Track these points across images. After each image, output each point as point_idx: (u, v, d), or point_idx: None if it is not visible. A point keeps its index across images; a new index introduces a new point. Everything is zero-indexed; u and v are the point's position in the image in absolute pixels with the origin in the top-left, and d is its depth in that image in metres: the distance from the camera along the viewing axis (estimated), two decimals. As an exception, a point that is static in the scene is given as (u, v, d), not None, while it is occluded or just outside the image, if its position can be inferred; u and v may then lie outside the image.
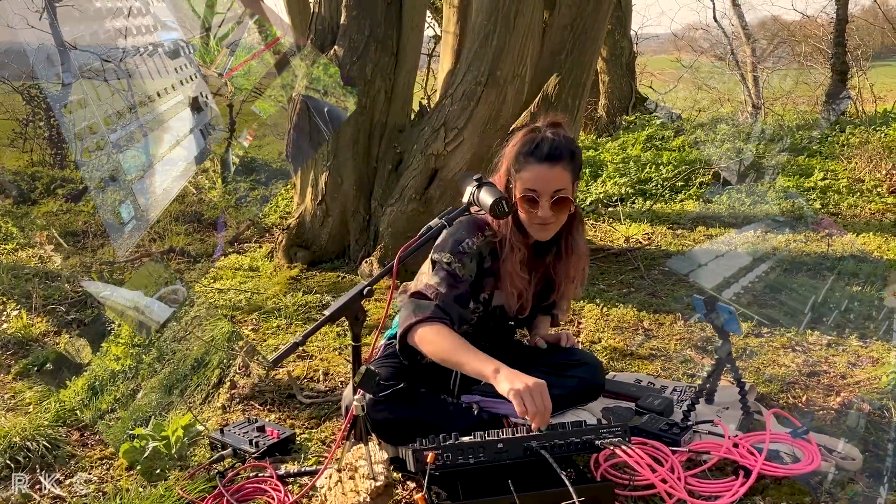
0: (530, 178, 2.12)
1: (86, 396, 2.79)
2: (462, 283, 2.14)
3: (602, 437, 1.92)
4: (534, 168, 2.12)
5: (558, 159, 2.11)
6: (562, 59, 4.19)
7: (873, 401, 2.52)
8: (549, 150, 2.11)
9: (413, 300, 2.12)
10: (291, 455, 2.35)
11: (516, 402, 1.87)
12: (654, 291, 3.90)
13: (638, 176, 6.59)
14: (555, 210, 2.12)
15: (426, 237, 2.12)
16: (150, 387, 2.90)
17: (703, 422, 2.34)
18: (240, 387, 2.75)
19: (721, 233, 5.09)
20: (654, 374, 2.85)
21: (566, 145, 2.15)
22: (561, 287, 2.34)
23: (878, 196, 5.78)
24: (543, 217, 2.12)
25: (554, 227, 2.18)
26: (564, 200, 2.12)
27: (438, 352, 2.03)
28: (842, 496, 1.99)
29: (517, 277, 2.19)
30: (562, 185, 2.12)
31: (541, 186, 2.11)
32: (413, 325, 2.06)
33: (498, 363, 1.95)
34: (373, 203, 4.47)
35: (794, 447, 2.17)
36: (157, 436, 2.35)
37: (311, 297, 3.92)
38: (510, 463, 1.89)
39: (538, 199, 2.11)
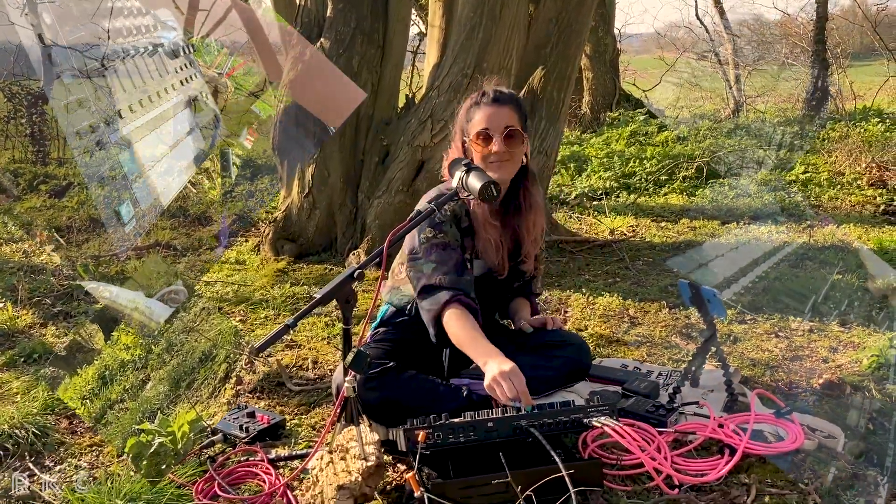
0: (481, 120, 2.27)
1: (96, 386, 2.78)
2: (452, 250, 2.23)
3: (590, 416, 1.94)
4: (483, 110, 2.27)
5: (505, 101, 2.28)
6: (547, 52, 4.23)
7: (854, 382, 2.57)
8: (495, 94, 2.29)
9: (424, 297, 2.20)
10: (281, 440, 2.36)
11: (495, 392, 1.96)
12: (639, 281, 3.94)
13: (622, 170, 6.65)
14: (508, 144, 2.24)
15: (416, 221, 2.14)
16: (158, 378, 2.90)
17: (688, 403, 2.38)
18: (245, 383, 2.76)
19: (704, 225, 5.14)
20: (640, 359, 2.88)
21: (510, 92, 2.35)
22: (526, 242, 2.41)
23: (857, 189, 5.86)
24: (499, 151, 2.23)
25: (510, 165, 2.28)
26: (516, 133, 2.25)
27: (455, 340, 2.15)
28: (824, 472, 2.03)
29: (489, 226, 2.29)
30: (511, 122, 2.25)
31: (492, 124, 2.25)
32: (439, 315, 2.16)
33: (489, 355, 2.03)
34: (360, 195, 4.48)
35: (777, 427, 2.21)
36: (162, 431, 2.34)
37: (298, 288, 3.92)
38: (499, 443, 1.92)
39: (491, 135, 2.23)
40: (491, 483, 1.83)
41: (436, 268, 2.19)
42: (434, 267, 2.20)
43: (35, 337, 3.37)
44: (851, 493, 1.93)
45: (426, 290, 2.20)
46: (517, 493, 1.80)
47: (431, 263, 2.21)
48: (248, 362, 2.94)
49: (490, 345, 2.07)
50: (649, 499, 1.91)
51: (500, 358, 1.99)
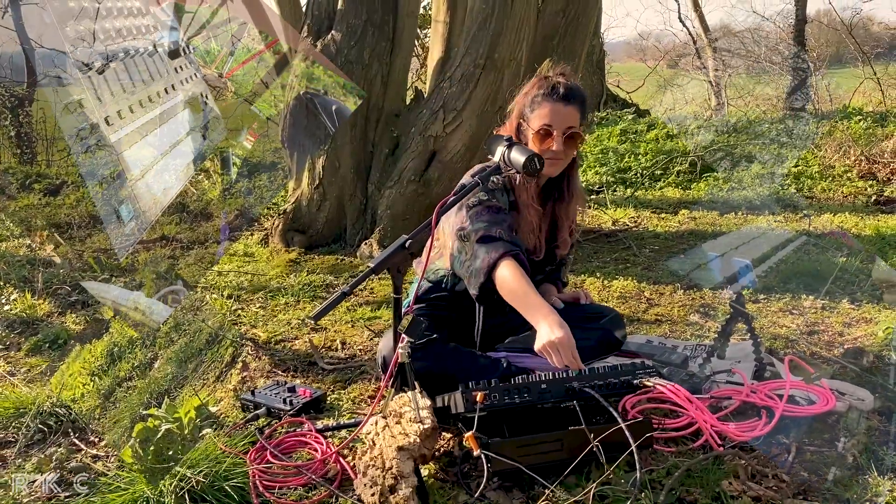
0: (546, 115, 2.27)
1: (105, 362, 2.79)
2: (505, 213, 2.28)
3: (639, 378, 2.01)
4: (550, 105, 2.27)
5: (572, 99, 2.28)
6: (554, 44, 4.31)
7: (873, 351, 2.67)
8: (565, 90, 2.28)
9: (482, 244, 2.18)
10: (325, 413, 2.40)
11: (550, 357, 2.01)
12: (649, 266, 4.03)
13: (617, 165, 6.75)
14: (566, 145, 2.28)
15: (462, 194, 2.19)
16: (166, 357, 2.91)
17: (720, 371, 2.45)
18: (251, 370, 2.78)
19: (704, 216, 5.25)
20: (664, 335, 2.96)
21: (578, 89, 2.34)
22: (563, 228, 2.48)
23: (848, 180, 6.02)
24: (556, 150, 2.26)
25: (562, 163, 2.33)
26: (576, 136, 2.29)
27: (509, 294, 2.13)
28: (858, 431, 2.11)
29: (532, 209, 2.34)
30: (573, 122, 2.28)
31: (556, 122, 2.26)
32: (495, 264, 2.14)
33: (543, 314, 2.05)
34: (370, 187, 4.52)
35: (808, 392, 2.29)
36: (169, 417, 2.36)
37: (314, 276, 3.95)
38: (546, 408, 1.97)
39: (552, 133, 2.26)
40: (546, 442, 1.88)
41: (490, 224, 2.21)
42: (488, 223, 2.21)
43: (56, 324, 3.37)
44: (886, 448, 2.01)
45: (484, 240, 2.18)
46: (570, 452, 1.86)
47: (484, 222, 2.21)
48: (254, 349, 2.95)
49: (544, 302, 2.08)
50: (694, 457, 1.98)
51: (553, 318, 2.02)
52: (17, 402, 2.43)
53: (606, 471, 1.79)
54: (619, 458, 1.81)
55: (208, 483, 1.89)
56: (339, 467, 2.03)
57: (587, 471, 1.87)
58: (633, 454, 1.77)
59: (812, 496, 1.80)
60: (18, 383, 2.71)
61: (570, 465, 1.82)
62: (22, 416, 2.36)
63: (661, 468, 1.90)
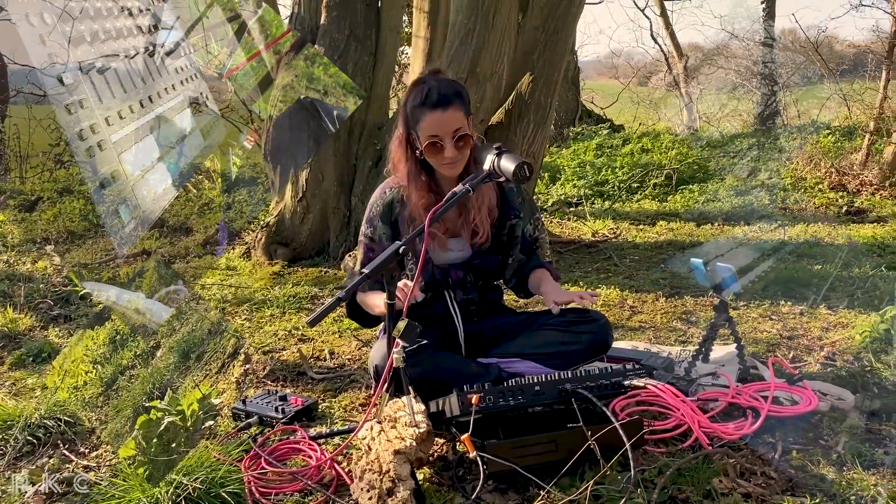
0: (429, 126, 2.28)
1: (107, 350, 2.77)
2: (378, 244, 2.44)
3: (629, 378, 2.05)
4: (429, 116, 2.27)
5: (449, 103, 2.27)
6: (534, 58, 4.38)
7: (852, 354, 2.74)
8: (439, 96, 2.27)
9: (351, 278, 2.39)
10: (317, 421, 2.41)
11: None
12: (630, 275, 4.09)
13: (595, 178, 6.85)
14: (459, 147, 2.30)
15: (451, 202, 2.22)
16: (168, 346, 2.89)
17: (705, 375, 2.51)
18: (253, 362, 2.78)
19: (681, 227, 5.35)
20: (648, 341, 3.01)
21: (451, 87, 2.32)
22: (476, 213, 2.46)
23: (820, 192, 6.18)
24: (451, 157, 2.30)
25: (461, 162, 2.36)
26: (465, 137, 2.30)
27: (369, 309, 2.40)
28: (841, 430, 2.17)
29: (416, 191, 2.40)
30: (458, 124, 2.28)
31: (441, 130, 2.27)
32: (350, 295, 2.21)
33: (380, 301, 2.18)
34: (353, 199, 4.54)
35: (791, 393, 2.35)
36: (172, 410, 2.36)
37: (299, 288, 3.96)
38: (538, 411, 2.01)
39: (442, 143, 2.29)
40: (541, 443, 1.91)
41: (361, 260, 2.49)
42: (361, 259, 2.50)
43: (38, 338, 3.33)
44: (868, 445, 2.07)
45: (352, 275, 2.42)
46: (565, 453, 1.89)
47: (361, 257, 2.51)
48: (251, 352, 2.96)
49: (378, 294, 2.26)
50: (684, 457, 2.02)
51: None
52: (4, 415, 2.40)
53: (602, 468, 1.82)
54: (612, 457, 1.84)
55: (204, 490, 1.89)
56: (334, 473, 2.04)
57: (581, 471, 1.90)
58: (626, 453, 1.81)
59: (800, 492, 1.85)
60: (3, 397, 2.68)
61: (566, 465, 1.85)
62: (9, 429, 2.33)
63: (652, 468, 1.94)
